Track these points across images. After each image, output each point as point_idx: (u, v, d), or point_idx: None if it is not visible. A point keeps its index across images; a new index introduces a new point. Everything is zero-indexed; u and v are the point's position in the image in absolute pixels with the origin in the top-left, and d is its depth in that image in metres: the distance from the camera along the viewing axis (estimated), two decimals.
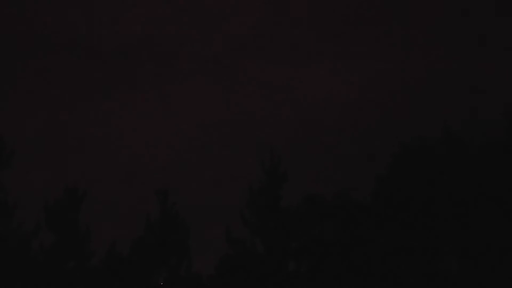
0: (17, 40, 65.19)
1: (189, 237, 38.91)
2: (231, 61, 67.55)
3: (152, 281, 38.32)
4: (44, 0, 65.41)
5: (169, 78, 67.12)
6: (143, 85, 67.70)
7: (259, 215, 36.94)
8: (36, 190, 43.57)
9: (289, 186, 37.79)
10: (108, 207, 44.83)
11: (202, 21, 69.31)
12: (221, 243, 37.29)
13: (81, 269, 37.31)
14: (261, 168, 37.52)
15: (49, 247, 37.01)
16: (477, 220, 33.99)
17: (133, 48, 68.64)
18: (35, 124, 60.82)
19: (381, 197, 36.49)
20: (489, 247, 33.46)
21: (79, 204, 38.00)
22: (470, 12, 62.40)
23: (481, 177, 34.64)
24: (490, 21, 61.66)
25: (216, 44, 69.10)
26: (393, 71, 64.97)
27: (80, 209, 38.02)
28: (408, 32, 66.15)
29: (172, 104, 66.92)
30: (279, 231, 36.81)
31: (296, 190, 38.47)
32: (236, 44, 68.82)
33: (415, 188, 35.50)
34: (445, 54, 64.31)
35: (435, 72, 62.59)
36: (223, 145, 59.94)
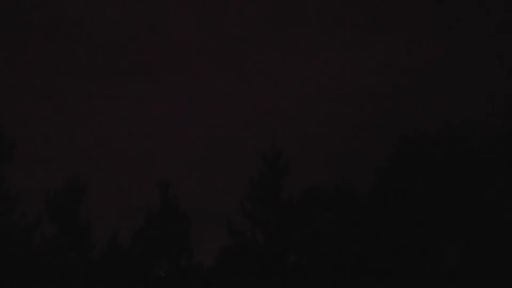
0: (15, 36, 65.18)
1: (189, 229, 39.03)
2: (231, 58, 67.55)
3: (153, 273, 38.45)
4: None
5: (173, 73, 67.14)
6: (144, 81, 67.74)
7: (260, 206, 37.00)
8: (37, 182, 43.66)
9: (290, 178, 37.89)
10: (109, 199, 44.93)
11: (206, 14, 69.27)
12: (222, 235, 37.43)
13: (82, 260, 37.37)
14: (262, 160, 37.61)
15: (51, 239, 37.09)
16: (477, 212, 34.07)
17: (134, 44, 68.66)
18: (37, 117, 60.86)
19: (381, 189, 36.57)
20: (489, 240, 33.54)
21: (80, 195, 38.05)
22: (472, 11, 62.43)
23: (482, 170, 34.70)
24: (492, 20, 61.67)
25: (217, 37, 69.05)
26: (395, 66, 64.94)
27: (81, 201, 38.07)
28: (409, 28, 66.13)
29: (173, 97, 66.94)
30: (280, 223, 36.88)
31: (297, 182, 38.58)
32: (237, 39, 68.78)
33: (415, 180, 35.56)
34: (446, 51, 64.32)
35: (437, 68, 62.63)
36: (225, 137, 59.99)
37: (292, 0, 68.43)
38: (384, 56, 66.00)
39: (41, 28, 66.17)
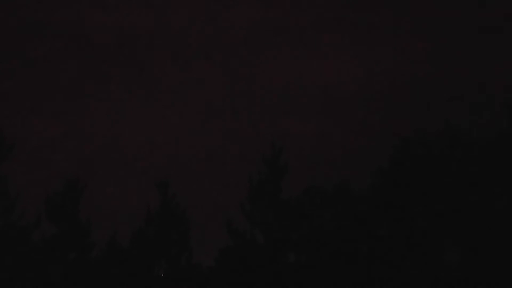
0: (15, 33, 65.15)
1: (189, 229, 39.01)
2: (233, 55, 67.52)
3: (153, 273, 38.42)
4: None
5: (172, 73, 67.12)
6: (144, 76, 67.69)
7: (259, 206, 36.98)
8: (37, 182, 43.64)
9: (290, 178, 37.84)
10: (108, 198, 44.91)
11: (205, 11, 69.25)
12: (222, 235, 37.40)
13: (81, 260, 37.34)
14: (261, 159, 37.58)
15: (50, 239, 37.06)
16: (478, 212, 34.05)
17: (134, 39, 68.58)
18: (36, 118, 60.84)
19: (381, 190, 36.55)
20: (490, 239, 33.52)
21: (79, 195, 38.02)
22: (473, 8, 62.40)
23: (482, 169, 34.68)
24: (492, 18, 61.63)
25: (218, 35, 69.00)
26: (395, 65, 64.91)
27: (80, 201, 38.05)
28: (409, 27, 66.11)
29: (173, 95, 66.93)
30: (280, 223, 36.86)
31: (297, 182, 38.55)
32: (238, 37, 68.74)
33: (415, 180, 35.54)
34: (446, 50, 64.29)
35: (436, 68, 62.59)
36: (224, 136, 59.97)
37: (292, 1, 68.43)
38: (385, 57, 65.96)
39: (40, 31, 66.16)
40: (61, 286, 36.41)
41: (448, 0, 65.38)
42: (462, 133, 35.99)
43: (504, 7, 59.54)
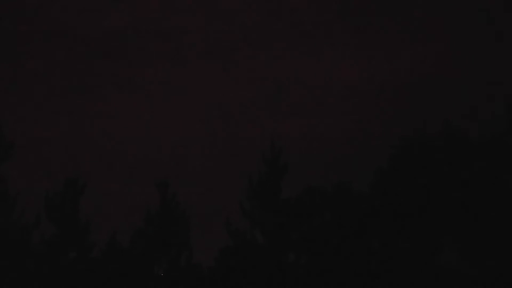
0: (16, 34, 65.21)
1: (189, 229, 38.98)
2: (234, 53, 67.52)
3: (153, 272, 38.39)
4: None
5: (172, 72, 67.13)
6: (145, 76, 67.72)
7: (259, 206, 36.95)
8: (36, 182, 43.64)
9: (290, 178, 37.82)
10: (108, 198, 44.90)
11: (205, 11, 69.25)
12: (221, 235, 37.38)
13: (81, 260, 37.33)
14: (261, 159, 37.55)
15: (50, 239, 37.05)
16: (477, 212, 34.05)
17: (133, 39, 68.59)
18: (36, 119, 60.86)
19: (381, 189, 36.54)
20: (490, 240, 33.52)
21: (79, 195, 38.00)
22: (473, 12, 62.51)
23: (481, 169, 34.68)
24: (500, 17, 61.65)
25: (218, 35, 69.00)
26: (394, 66, 64.93)
27: (80, 201, 38.03)
28: (409, 28, 66.16)
29: (173, 95, 66.96)
30: (279, 223, 36.84)
31: (297, 182, 38.52)
32: (239, 37, 68.75)
33: (415, 180, 35.54)
34: (446, 50, 64.33)
35: (437, 68, 62.65)
36: (224, 136, 59.99)
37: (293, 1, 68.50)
38: (384, 57, 66.01)
39: (40, 32, 66.20)
40: (61, 286, 36.39)
41: (448, 1, 65.42)
42: (462, 133, 35.96)
43: (504, 8, 59.57)
